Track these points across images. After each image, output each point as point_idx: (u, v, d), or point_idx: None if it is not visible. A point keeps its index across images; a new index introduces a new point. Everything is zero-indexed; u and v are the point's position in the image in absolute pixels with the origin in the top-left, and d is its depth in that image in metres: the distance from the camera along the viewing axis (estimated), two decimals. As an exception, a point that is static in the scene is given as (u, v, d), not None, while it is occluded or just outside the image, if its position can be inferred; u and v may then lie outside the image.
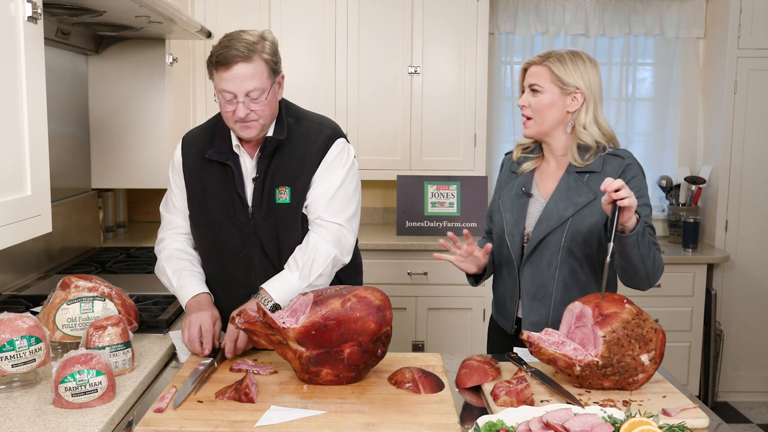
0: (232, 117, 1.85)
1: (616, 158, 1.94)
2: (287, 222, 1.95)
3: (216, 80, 1.84)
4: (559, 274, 1.93)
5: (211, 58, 1.83)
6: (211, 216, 1.98)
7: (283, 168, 1.95)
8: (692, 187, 4.04)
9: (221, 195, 1.96)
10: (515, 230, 1.99)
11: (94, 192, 3.21)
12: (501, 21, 4.03)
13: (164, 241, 2.07)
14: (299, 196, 1.95)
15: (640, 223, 1.74)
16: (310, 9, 3.61)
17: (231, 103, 1.83)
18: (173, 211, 2.07)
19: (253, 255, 1.97)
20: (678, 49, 4.13)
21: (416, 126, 3.74)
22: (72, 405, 1.45)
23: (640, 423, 1.26)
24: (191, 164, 2.01)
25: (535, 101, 1.94)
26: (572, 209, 1.91)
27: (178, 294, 1.97)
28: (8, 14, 1.45)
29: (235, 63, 1.79)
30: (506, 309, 2.05)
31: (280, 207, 1.94)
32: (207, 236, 2.01)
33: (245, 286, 1.95)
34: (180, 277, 1.96)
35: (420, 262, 3.56)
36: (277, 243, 1.96)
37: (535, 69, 1.95)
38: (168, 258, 2.02)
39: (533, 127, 1.97)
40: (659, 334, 1.61)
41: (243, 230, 1.96)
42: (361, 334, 1.58)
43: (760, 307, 3.95)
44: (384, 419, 1.44)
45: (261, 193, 1.94)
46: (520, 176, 2.05)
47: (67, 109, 2.92)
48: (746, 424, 3.70)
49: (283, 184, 1.94)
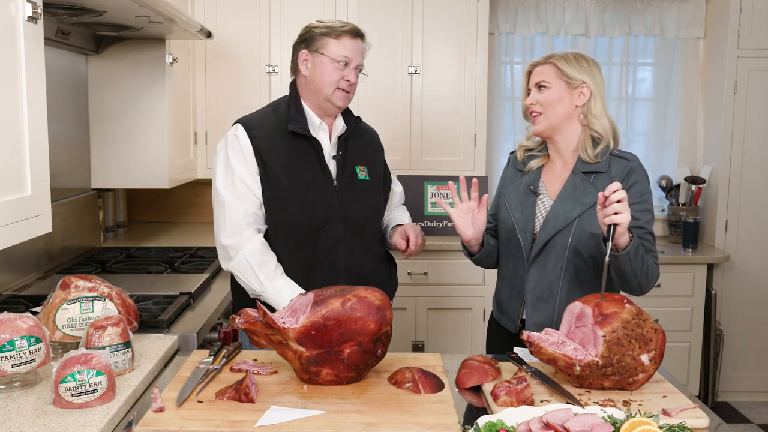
0: (341, 81, 2.06)
1: (622, 160, 1.95)
2: (370, 197, 2.16)
3: (334, 46, 2.06)
4: (564, 274, 1.94)
5: (334, 28, 2.07)
6: (298, 190, 2.04)
7: (358, 149, 2.18)
8: (692, 187, 4.04)
9: (305, 170, 2.06)
10: (526, 228, 1.99)
11: (94, 192, 3.21)
12: (501, 21, 4.04)
13: (242, 235, 2.02)
14: (376, 176, 2.20)
15: (633, 243, 1.75)
16: (310, 9, 3.61)
17: (345, 68, 2.06)
18: (246, 199, 2.04)
19: (338, 228, 2.06)
20: (678, 49, 4.13)
21: (416, 126, 3.74)
22: (72, 405, 1.45)
23: (640, 423, 1.26)
24: (264, 144, 2.05)
25: (543, 97, 1.96)
26: (579, 209, 1.92)
27: (271, 297, 1.98)
28: (8, 14, 1.45)
29: (360, 37, 2.11)
30: (510, 308, 2.05)
31: (362, 183, 2.14)
32: (293, 210, 2.03)
33: (330, 259, 2.06)
34: (272, 280, 1.99)
35: (420, 262, 3.56)
36: (362, 217, 2.13)
37: (540, 68, 1.98)
38: (254, 256, 2.00)
39: (543, 122, 1.98)
40: (659, 334, 1.61)
41: (329, 203, 2.07)
42: (361, 334, 1.58)
43: (760, 307, 3.95)
44: (384, 419, 1.44)
45: (343, 168, 2.12)
46: (527, 174, 2.06)
47: (67, 109, 2.92)
48: (746, 424, 3.71)
49: (361, 163, 2.17)
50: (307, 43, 2.10)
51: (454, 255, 3.52)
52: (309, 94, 2.11)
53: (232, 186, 2.04)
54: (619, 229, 1.69)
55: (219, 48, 3.63)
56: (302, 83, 2.13)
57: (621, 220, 1.67)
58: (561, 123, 1.97)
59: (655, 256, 1.89)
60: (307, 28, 2.13)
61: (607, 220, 1.68)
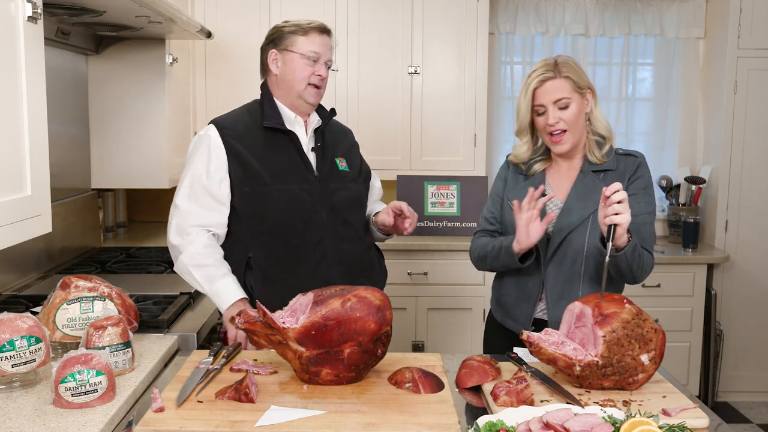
0: (313, 77, 2.08)
1: (630, 157, 1.99)
2: (352, 186, 2.19)
3: (303, 43, 2.08)
4: (584, 270, 1.95)
5: (301, 25, 2.09)
6: (279, 182, 2.06)
7: (335, 142, 2.22)
8: (692, 187, 4.04)
9: (285, 162, 2.08)
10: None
11: (94, 192, 3.21)
12: (501, 21, 4.04)
13: (185, 238, 2.05)
14: (355, 169, 2.23)
15: (631, 243, 1.78)
16: (310, 9, 3.61)
17: (315, 64, 2.08)
18: (204, 203, 2.05)
19: (324, 218, 2.07)
20: (678, 49, 4.13)
21: (416, 126, 3.74)
22: (72, 405, 1.45)
23: (640, 423, 1.26)
24: (238, 142, 2.07)
25: (568, 115, 1.92)
26: (592, 206, 1.93)
27: (213, 300, 2.03)
28: (8, 14, 1.45)
29: (327, 33, 2.13)
30: (519, 310, 2.04)
31: (343, 173, 2.18)
32: (277, 203, 2.05)
33: (319, 250, 2.08)
34: (212, 283, 2.00)
35: (420, 262, 3.56)
36: (347, 206, 2.15)
37: (555, 84, 1.91)
38: (193, 258, 2.02)
39: (569, 140, 1.95)
40: (659, 334, 1.61)
41: (312, 193, 2.09)
42: (361, 334, 1.58)
43: (760, 307, 3.95)
44: (384, 419, 1.44)
45: (323, 159, 2.15)
46: (532, 177, 2.05)
47: (67, 109, 2.92)
48: (746, 424, 3.70)
49: (340, 155, 2.21)
50: (275, 43, 2.12)
51: (454, 255, 3.52)
52: (281, 93, 2.13)
53: (188, 188, 2.08)
54: (619, 230, 1.70)
55: (219, 48, 3.63)
56: (273, 82, 2.14)
57: (621, 221, 1.68)
58: (582, 134, 1.98)
59: (651, 246, 1.93)
60: (274, 29, 2.15)
61: (608, 221, 1.69)
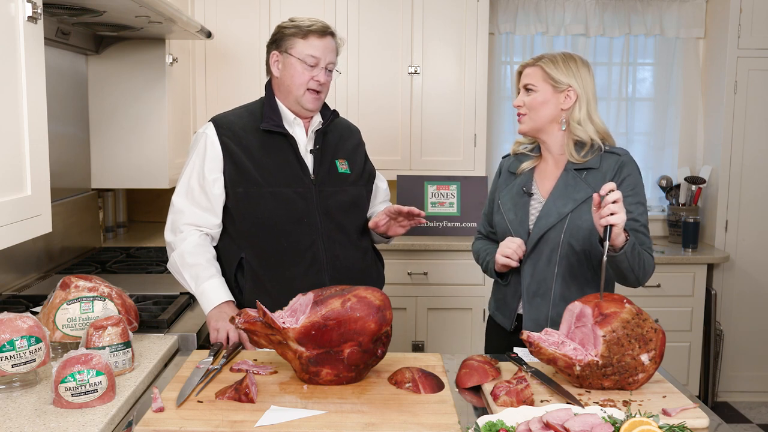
0: (311, 82, 2.04)
1: (613, 155, 1.99)
2: (351, 190, 2.15)
3: (302, 46, 2.03)
4: (558, 269, 1.96)
5: (301, 27, 2.03)
6: (272, 185, 2.04)
7: (336, 143, 2.17)
8: (692, 187, 4.04)
9: (279, 165, 2.06)
10: (521, 229, 2.01)
11: (94, 192, 3.21)
12: (501, 21, 4.04)
13: (177, 235, 2.06)
14: (357, 170, 2.19)
15: (629, 242, 1.78)
16: (310, 9, 3.60)
17: (314, 68, 2.03)
18: (198, 202, 2.06)
19: (317, 222, 2.06)
20: (678, 49, 4.13)
21: (416, 126, 3.74)
22: (72, 405, 1.45)
23: (640, 423, 1.26)
24: (234, 142, 2.06)
25: (529, 99, 2.00)
26: (571, 205, 1.95)
27: (199, 300, 2.02)
28: (8, 14, 1.45)
29: (328, 35, 2.06)
30: (507, 306, 2.07)
31: (343, 176, 2.14)
32: (269, 206, 2.04)
33: (311, 253, 2.06)
34: (199, 283, 2.00)
35: (420, 262, 3.56)
36: (342, 210, 2.11)
37: (529, 70, 2.02)
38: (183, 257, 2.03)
39: (527, 123, 2.03)
40: (659, 334, 1.61)
41: (306, 197, 2.06)
42: (361, 334, 1.58)
43: (760, 307, 3.95)
44: (384, 419, 1.44)
45: (321, 162, 2.11)
46: (520, 176, 2.08)
47: (67, 109, 2.92)
48: (746, 424, 3.70)
49: (341, 157, 2.16)
50: (277, 44, 2.09)
51: (454, 255, 3.52)
52: (282, 95, 2.12)
53: (184, 185, 2.09)
54: (615, 230, 1.70)
55: (219, 48, 3.63)
56: (275, 84, 2.13)
57: (617, 221, 1.68)
58: (545, 125, 2.01)
59: (650, 248, 1.93)
60: (277, 28, 2.11)
61: (603, 221, 1.69)
